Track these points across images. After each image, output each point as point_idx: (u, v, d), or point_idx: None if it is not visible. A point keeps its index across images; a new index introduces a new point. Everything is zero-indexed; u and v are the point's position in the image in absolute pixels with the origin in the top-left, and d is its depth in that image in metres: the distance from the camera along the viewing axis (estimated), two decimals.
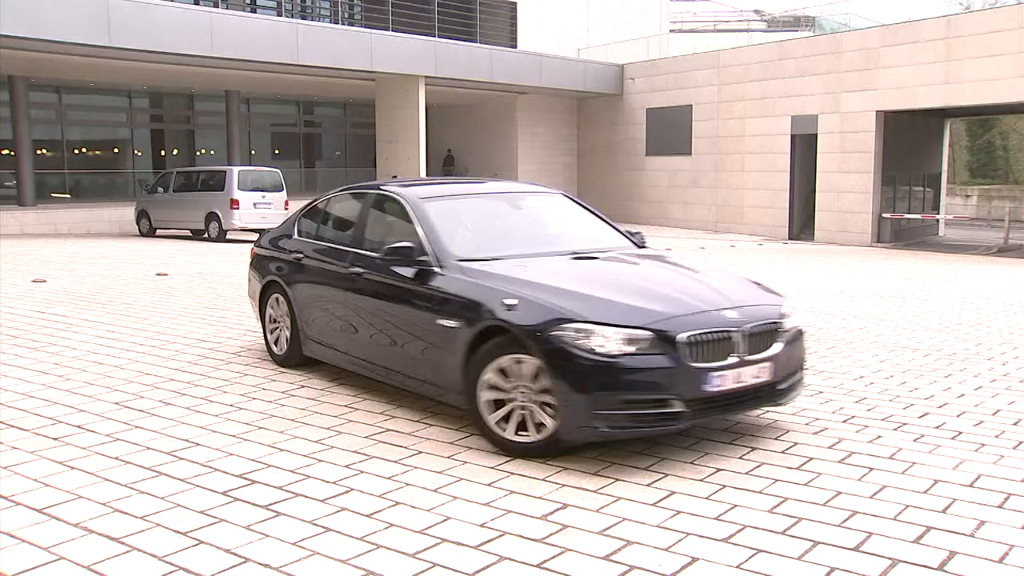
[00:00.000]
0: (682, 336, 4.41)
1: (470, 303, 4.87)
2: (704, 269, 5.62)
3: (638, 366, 4.34)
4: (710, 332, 4.51)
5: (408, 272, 5.35)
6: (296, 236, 6.81)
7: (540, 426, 4.52)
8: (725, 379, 4.51)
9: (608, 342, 4.34)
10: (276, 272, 6.76)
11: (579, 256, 5.58)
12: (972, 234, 28.88)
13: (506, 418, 4.65)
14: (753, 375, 4.65)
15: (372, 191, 6.39)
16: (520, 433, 4.60)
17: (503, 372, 4.63)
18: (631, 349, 4.35)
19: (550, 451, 4.54)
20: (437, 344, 5.06)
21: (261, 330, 7.11)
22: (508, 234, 5.91)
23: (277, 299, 6.75)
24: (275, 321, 6.83)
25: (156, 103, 29.23)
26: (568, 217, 6.42)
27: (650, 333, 4.40)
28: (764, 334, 4.74)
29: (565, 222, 6.35)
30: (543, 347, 4.41)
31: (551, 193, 6.72)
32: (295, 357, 6.57)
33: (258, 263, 7.18)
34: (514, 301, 4.63)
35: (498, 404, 4.68)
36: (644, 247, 6.23)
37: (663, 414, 4.38)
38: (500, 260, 5.27)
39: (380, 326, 5.61)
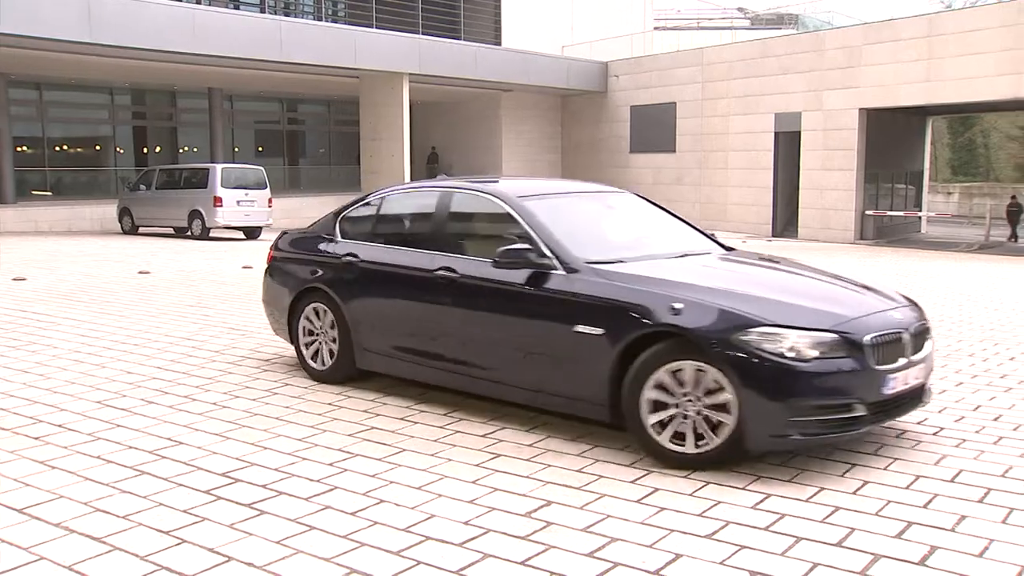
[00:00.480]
0: (867, 338, 4.35)
1: (622, 308, 4.54)
2: (825, 270, 5.60)
3: (829, 370, 4.24)
4: (887, 333, 4.47)
5: (520, 276, 4.96)
6: (340, 239, 6.21)
7: (704, 436, 4.31)
8: (898, 381, 4.47)
9: (799, 346, 4.20)
10: (317, 278, 6.12)
11: (691, 257, 5.38)
12: (954, 231, 29.11)
13: (665, 427, 4.39)
14: (915, 376, 4.64)
15: (449, 189, 5.86)
16: (675, 441, 4.36)
17: (667, 380, 4.36)
18: (816, 353, 4.22)
19: (724, 461, 4.32)
20: (572, 353, 4.70)
21: (288, 342, 6.50)
22: (610, 234, 5.63)
23: (318, 309, 6.11)
24: (313, 333, 6.17)
25: (138, 100, 29.05)
26: (652, 217, 6.09)
27: (836, 336, 4.30)
28: (921, 334, 4.75)
29: (652, 222, 6.03)
30: (726, 352, 4.20)
31: (621, 192, 6.38)
32: (344, 371, 5.98)
33: (283, 269, 6.52)
34: (680, 305, 4.39)
35: (654, 413, 4.41)
36: (731, 248, 5.98)
37: (848, 419, 4.28)
38: (627, 262, 4.96)
39: (485, 334, 5.20)
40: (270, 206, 20.73)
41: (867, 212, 23.83)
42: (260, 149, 31.48)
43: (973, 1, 34.26)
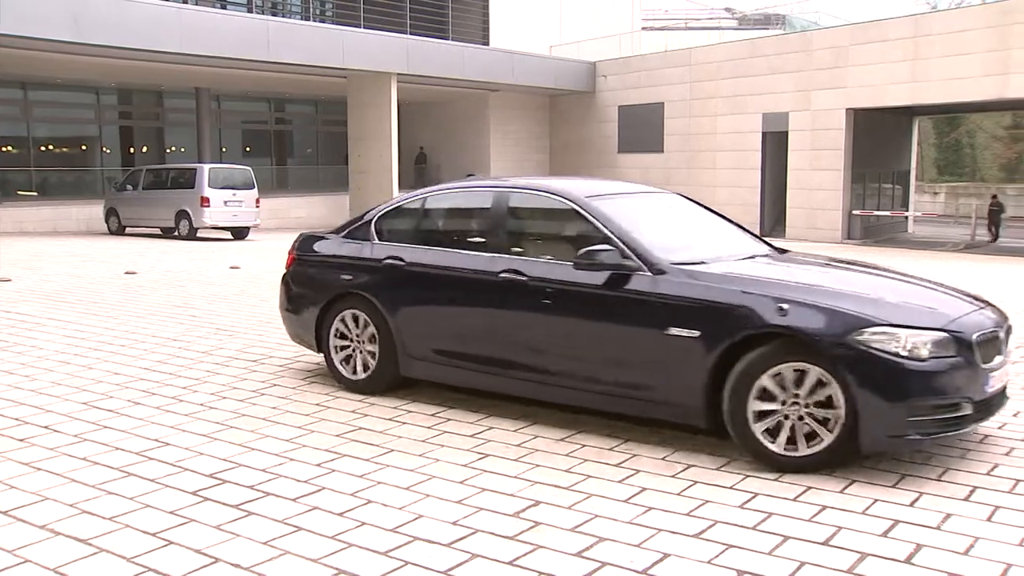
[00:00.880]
0: (975, 337, 4.35)
1: (722, 309, 4.44)
2: (895, 269, 5.61)
3: (943, 369, 4.23)
4: (988, 332, 4.47)
5: (599, 278, 4.81)
6: (377, 240, 5.90)
7: (811, 437, 4.27)
8: (994, 380, 4.47)
9: (915, 345, 4.18)
10: (352, 283, 5.83)
11: (759, 258, 5.28)
12: (940, 231, 29.24)
13: (772, 431, 4.34)
14: (1006, 375, 4.67)
15: (505, 189, 5.60)
16: (788, 445, 4.32)
17: (773, 383, 4.30)
18: (929, 352, 4.20)
19: (831, 463, 4.30)
20: (663, 357, 4.60)
21: (314, 351, 6.18)
22: (678, 236, 5.47)
23: (352, 315, 5.81)
24: (346, 341, 5.88)
25: (125, 100, 28.90)
26: (706, 219, 5.97)
27: (947, 335, 4.29)
28: (1008, 333, 4.77)
29: (707, 224, 5.91)
30: (841, 353, 4.16)
31: (668, 193, 6.24)
32: (385, 380, 5.71)
33: (308, 274, 6.18)
34: (787, 305, 4.32)
35: (760, 417, 4.35)
36: (784, 249, 5.87)
37: (957, 418, 4.28)
38: (709, 263, 4.86)
39: (560, 339, 5.00)
40: (258, 206, 20.69)
41: (854, 212, 23.93)
42: (247, 149, 31.36)
43: (959, 2, 34.49)
